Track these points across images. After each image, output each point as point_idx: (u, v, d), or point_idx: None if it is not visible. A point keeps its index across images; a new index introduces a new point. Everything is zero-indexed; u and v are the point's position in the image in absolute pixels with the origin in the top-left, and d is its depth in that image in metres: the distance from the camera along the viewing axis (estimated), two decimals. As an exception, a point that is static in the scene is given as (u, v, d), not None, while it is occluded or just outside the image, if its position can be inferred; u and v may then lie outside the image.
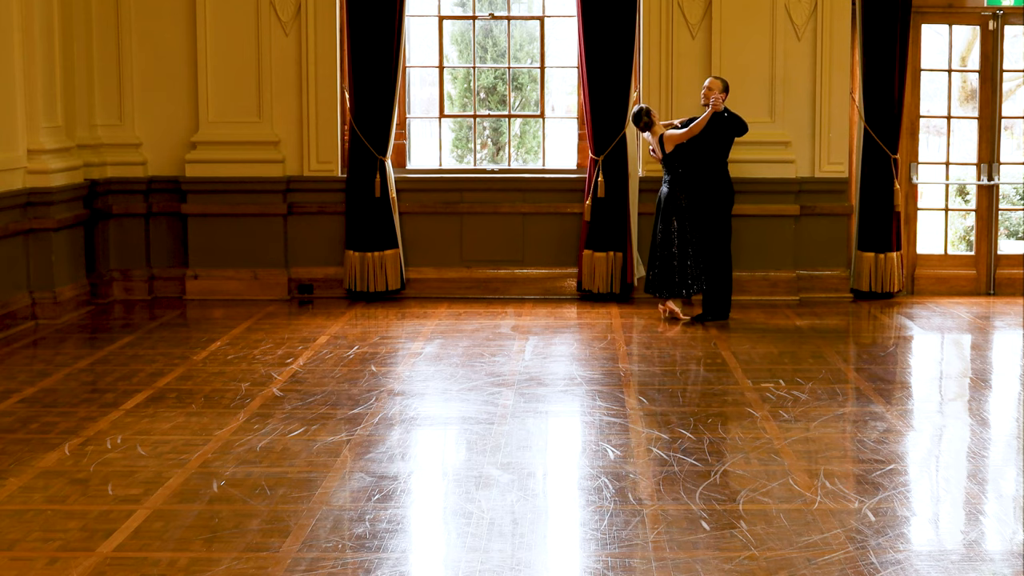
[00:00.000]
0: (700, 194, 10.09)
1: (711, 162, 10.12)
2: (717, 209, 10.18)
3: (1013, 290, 11.43)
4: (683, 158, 10.00)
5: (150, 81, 11.18)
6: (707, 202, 10.12)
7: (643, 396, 7.61)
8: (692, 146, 10.00)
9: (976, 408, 7.63)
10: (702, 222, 10.09)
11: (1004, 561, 4.97)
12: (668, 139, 9.98)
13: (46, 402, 7.49)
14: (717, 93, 10.01)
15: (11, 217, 9.77)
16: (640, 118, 10.13)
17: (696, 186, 10.07)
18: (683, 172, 10.00)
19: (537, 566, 4.93)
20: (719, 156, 10.16)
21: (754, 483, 5.88)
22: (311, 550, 5.04)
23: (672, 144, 9.96)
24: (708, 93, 10.07)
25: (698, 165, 10.07)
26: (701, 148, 10.05)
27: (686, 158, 10.01)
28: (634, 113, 10.23)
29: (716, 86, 10.09)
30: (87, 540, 5.15)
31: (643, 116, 10.11)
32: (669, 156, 10.00)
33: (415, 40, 12.00)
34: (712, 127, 10.00)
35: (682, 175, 10.00)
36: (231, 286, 11.23)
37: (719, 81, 10.14)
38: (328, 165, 11.25)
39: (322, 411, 7.23)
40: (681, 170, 10.00)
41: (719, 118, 10.02)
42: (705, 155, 10.09)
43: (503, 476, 6.00)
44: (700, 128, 9.92)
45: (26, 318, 9.89)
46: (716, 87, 10.08)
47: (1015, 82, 14.39)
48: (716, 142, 10.10)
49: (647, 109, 10.15)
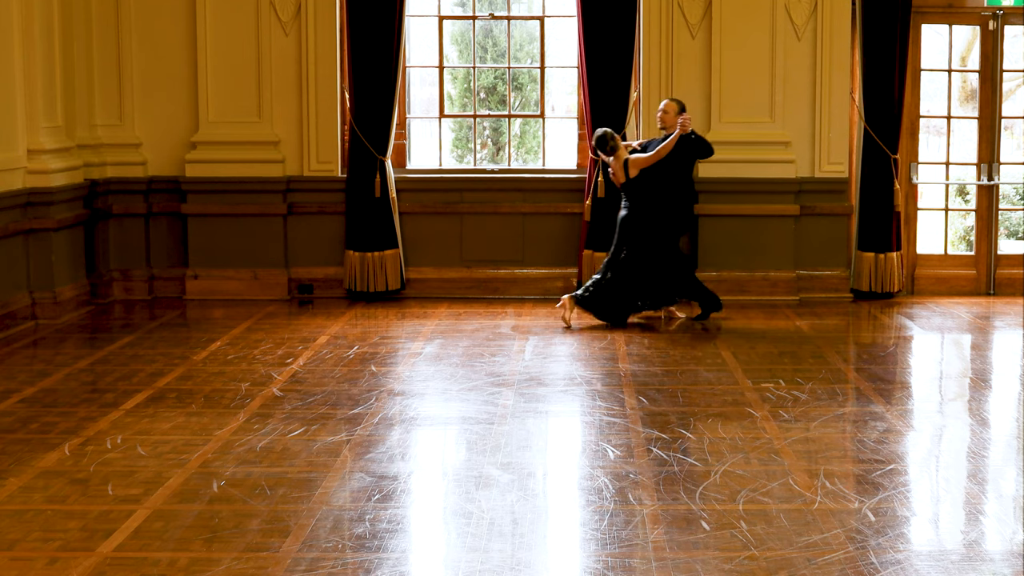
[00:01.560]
0: (661, 217, 9.90)
1: (673, 186, 9.95)
2: (677, 232, 10.08)
3: (1013, 290, 11.44)
4: (645, 182, 9.83)
5: (150, 81, 11.18)
6: (668, 225, 9.96)
7: (643, 396, 7.61)
8: (655, 169, 9.82)
9: (976, 408, 7.63)
10: (661, 246, 9.89)
11: (1004, 561, 4.97)
12: (633, 163, 9.80)
13: (46, 402, 7.50)
14: (673, 115, 9.86)
15: (11, 217, 9.77)
16: (605, 143, 9.92)
17: (658, 210, 9.88)
18: (644, 196, 9.82)
19: (537, 566, 4.93)
20: (682, 180, 10.03)
21: (754, 483, 5.88)
22: (311, 550, 5.04)
23: (637, 168, 9.78)
24: (664, 116, 9.91)
25: (661, 189, 9.88)
26: (664, 171, 9.86)
27: (648, 182, 9.83)
28: (598, 137, 10.00)
29: (672, 108, 9.92)
30: (87, 540, 5.15)
31: (608, 140, 9.91)
32: (632, 181, 9.81)
33: (415, 40, 12.00)
34: (677, 149, 9.81)
35: (643, 199, 9.82)
36: (231, 286, 11.23)
37: (675, 103, 9.98)
38: (328, 165, 11.25)
39: (322, 411, 7.23)
40: (643, 194, 9.81)
41: (685, 140, 9.82)
42: (668, 178, 9.90)
43: (503, 476, 6.00)
44: (667, 151, 9.73)
45: (26, 318, 9.89)
46: (672, 109, 9.91)
47: (1015, 82, 14.39)
48: (680, 165, 9.93)
49: (611, 133, 9.96)
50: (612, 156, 9.93)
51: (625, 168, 9.82)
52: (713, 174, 11.04)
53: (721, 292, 11.06)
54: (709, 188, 11.05)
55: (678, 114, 9.88)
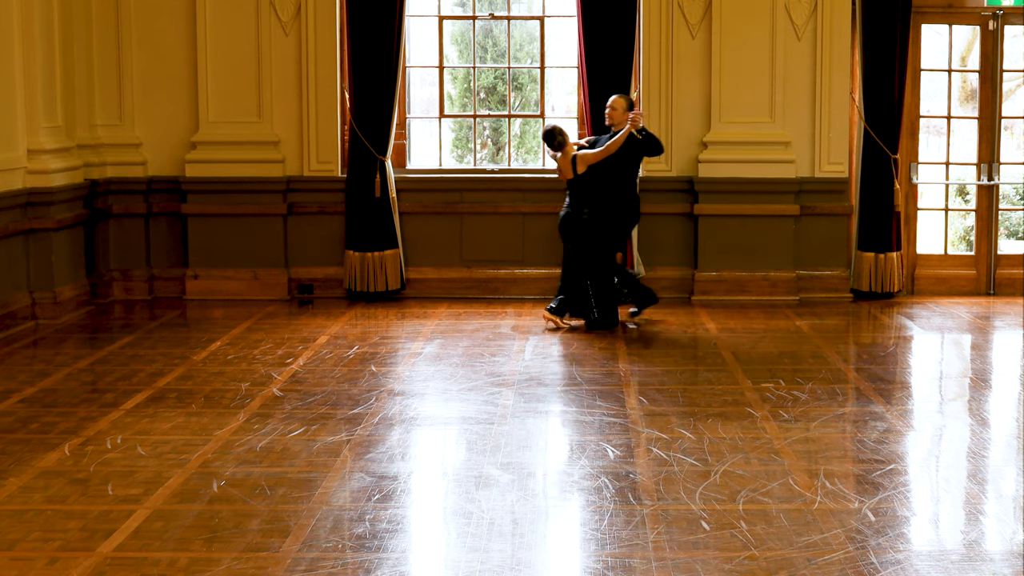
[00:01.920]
0: (606, 215, 9.83)
1: (619, 183, 9.89)
2: (619, 229, 10.03)
3: (1013, 290, 11.43)
4: (592, 179, 9.77)
5: (150, 81, 11.18)
6: (611, 223, 9.89)
7: (643, 396, 7.61)
8: (602, 167, 9.76)
9: (976, 408, 7.63)
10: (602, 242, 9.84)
11: (1004, 561, 4.97)
12: (581, 159, 9.74)
13: (46, 402, 7.50)
14: (621, 112, 9.80)
15: (11, 217, 9.77)
16: (553, 137, 9.86)
17: (603, 207, 9.81)
18: (590, 193, 9.76)
19: (537, 566, 4.93)
20: (628, 177, 9.96)
21: (754, 483, 5.88)
22: (311, 550, 5.04)
23: (585, 164, 9.72)
24: (612, 113, 9.83)
25: (607, 186, 9.81)
26: (612, 168, 9.80)
27: (595, 179, 9.78)
28: (546, 132, 9.96)
29: (620, 105, 9.84)
30: (87, 540, 5.15)
31: (556, 135, 9.85)
32: (580, 177, 9.75)
33: (415, 40, 12.00)
34: (625, 147, 9.74)
35: (587, 196, 9.76)
36: (231, 286, 11.23)
37: (623, 99, 9.92)
38: (328, 165, 11.25)
39: (322, 411, 7.23)
40: (588, 191, 9.76)
41: (633, 138, 9.75)
42: (615, 176, 9.84)
43: (503, 476, 6.00)
44: (616, 147, 9.67)
45: (26, 318, 9.89)
46: (620, 106, 9.83)
47: (1015, 82, 14.39)
48: (627, 162, 9.87)
49: (559, 128, 9.90)
50: (559, 151, 9.88)
51: (573, 164, 9.77)
52: (713, 174, 11.05)
53: (721, 292, 11.10)
54: (709, 188, 11.06)
55: (626, 111, 9.83)
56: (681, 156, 11.17)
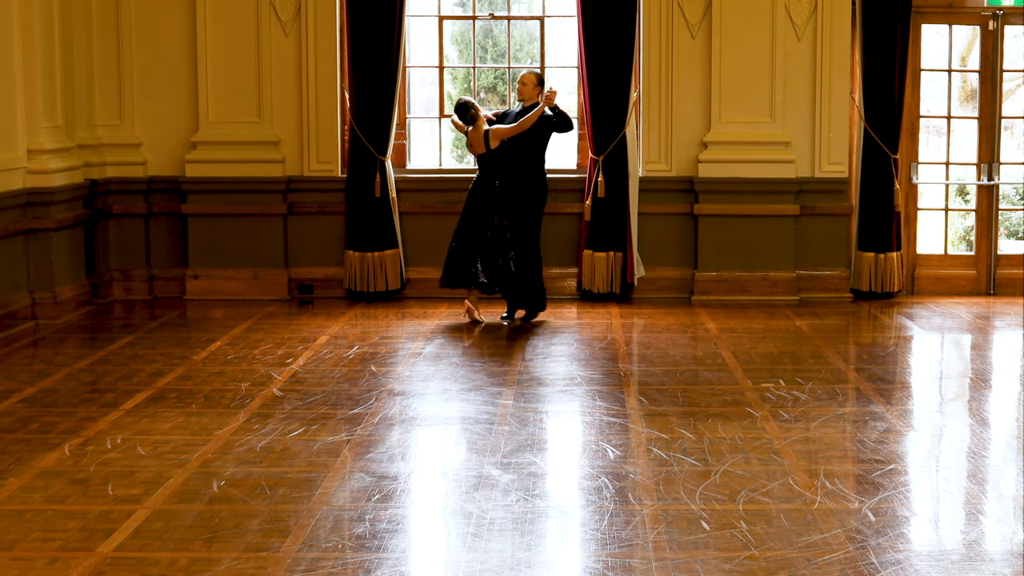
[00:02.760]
0: (515, 191, 9.93)
1: (529, 159, 9.98)
2: (529, 207, 10.06)
3: (1013, 290, 11.43)
4: (503, 154, 9.85)
5: (150, 81, 11.18)
6: (521, 199, 9.96)
7: (643, 396, 7.61)
8: (513, 142, 9.85)
9: (976, 408, 7.63)
10: (514, 219, 9.91)
11: (1004, 561, 4.97)
12: (494, 134, 9.81)
13: (46, 402, 7.50)
14: (531, 88, 9.88)
15: (11, 217, 9.77)
16: (466, 110, 9.92)
17: (512, 183, 9.91)
18: (500, 168, 9.84)
19: (537, 566, 4.93)
20: (538, 153, 10.03)
21: (754, 483, 5.88)
22: (311, 550, 5.04)
23: (499, 139, 9.80)
24: (522, 89, 9.95)
25: (516, 161, 9.92)
26: (522, 144, 9.89)
27: (506, 154, 9.86)
28: (459, 105, 10.02)
29: (530, 80, 9.94)
30: (87, 540, 5.15)
31: (469, 108, 9.92)
32: (492, 152, 9.83)
33: (415, 40, 12.00)
34: (536, 124, 9.84)
35: (497, 171, 9.85)
36: (231, 286, 11.23)
37: (533, 75, 10.00)
38: (328, 165, 11.25)
39: (322, 411, 7.23)
40: (500, 166, 9.84)
41: (546, 114, 9.85)
42: (525, 152, 9.94)
43: (503, 476, 6.00)
44: (531, 123, 9.76)
45: (26, 318, 9.89)
46: (530, 82, 9.93)
47: (1015, 82, 14.39)
48: (537, 139, 9.96)
49: (472, 102, 9.97)
50: (472, 125, 9.94)
51: (486, 139, 9.83)
52: (713, 174, 11.05)
53: (721, 292, 11.10)
54: (709, 188, 11.06)
55: (536, 86, 9.91)
56: (681, 156, 11.17)
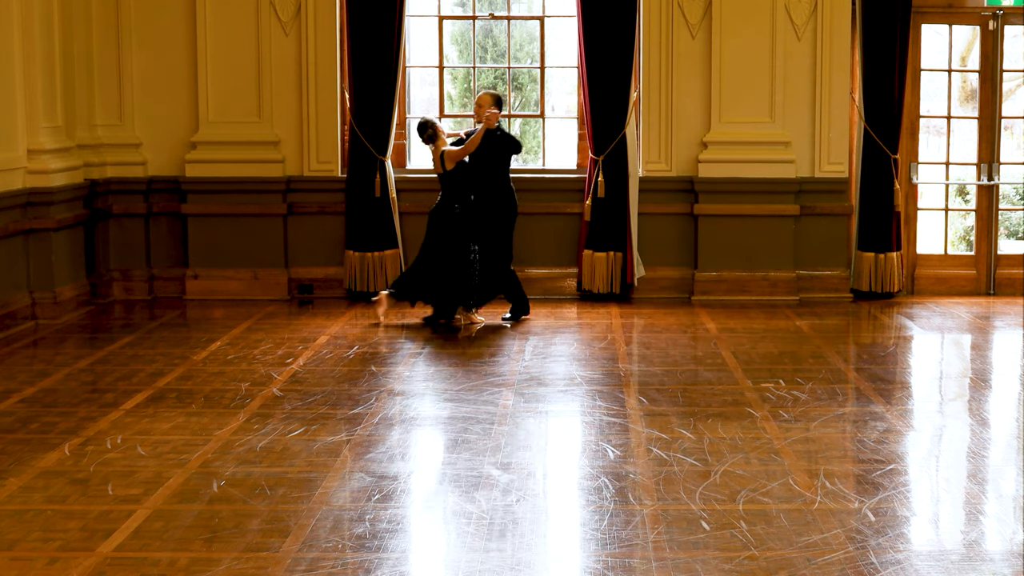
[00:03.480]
0: (482, 212, 9.92)
1: (490, 180, 9.97)
2: (498, 227, 10.04)
3: (1013, 290, 11.44)
4: (462, 175, 9.85)
5: (150, 81, 11.18)
6: (489, 220, 9.95)
7: (643, 396, 7.61)
8: (472, 164, 9.87)
9: (976, 408, 7.63)
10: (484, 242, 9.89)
11: (1004, 561, 4.97)
12: (448, 156, 9.81)
13: (46, 402, 7.50)
14: (486, 108, 9.88)
15: (11, 217, 9.77)
16: (424, 130, 9.94)
17: (479, 203, 9.91)
18: (461, 189, 9.83)
19: (537, 566, 4.93)
20: (499, 173, 10.02)
21: (754, 483, 5.88)
22: (311, 550, 5.04)
23: (452, 161, 9.80)
24: (478, 110, 9.98)
25: (478, 182, 9.92)
26: (480, 165, 9.89)
27: (465, 175, 9.86)
28: (418, 125, 10.04)
29: (486, 101, 9.96)
30: (87, 540, 5.15)
31: (427, 128, 9.93)
32: (448, 173, 9.83)
33: (415, 40, 12.00)
34: (488, 144, 9.85)
35: (459, 192, 9.84)
36: (231, 286, 11.23)
37: (489, 96, 10.02)
38: (328, 165, 11.25)
39: (322, 411, 7.23)
40: (459, 187, 9.84)
41: (492, 135, 9.87)
42: (484, 172, 9.94)
43: (503, 476, 6.00)
44: (475, 145, 9.78)
45: (26, 318, 9.89)
46: (485, 103, 9.95)
47: (1015, 82, 14.39)
48: (494, 159, 9.96)
49: (431, 122, 9.98)
50: (432, 144, 9.95)
51: (441, 160, 9.84)
52: (713, 174, 11.05)
53: (721, 292, 11.10)
54: (709, 188, 11.06)
55: (492, 107, 9.93)
56: (681, 156, 11.17)
